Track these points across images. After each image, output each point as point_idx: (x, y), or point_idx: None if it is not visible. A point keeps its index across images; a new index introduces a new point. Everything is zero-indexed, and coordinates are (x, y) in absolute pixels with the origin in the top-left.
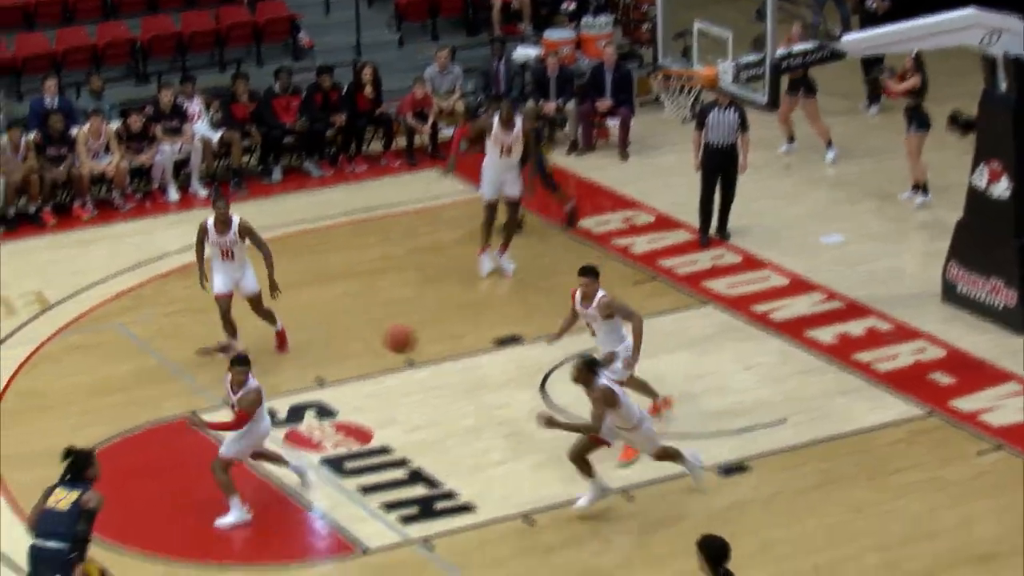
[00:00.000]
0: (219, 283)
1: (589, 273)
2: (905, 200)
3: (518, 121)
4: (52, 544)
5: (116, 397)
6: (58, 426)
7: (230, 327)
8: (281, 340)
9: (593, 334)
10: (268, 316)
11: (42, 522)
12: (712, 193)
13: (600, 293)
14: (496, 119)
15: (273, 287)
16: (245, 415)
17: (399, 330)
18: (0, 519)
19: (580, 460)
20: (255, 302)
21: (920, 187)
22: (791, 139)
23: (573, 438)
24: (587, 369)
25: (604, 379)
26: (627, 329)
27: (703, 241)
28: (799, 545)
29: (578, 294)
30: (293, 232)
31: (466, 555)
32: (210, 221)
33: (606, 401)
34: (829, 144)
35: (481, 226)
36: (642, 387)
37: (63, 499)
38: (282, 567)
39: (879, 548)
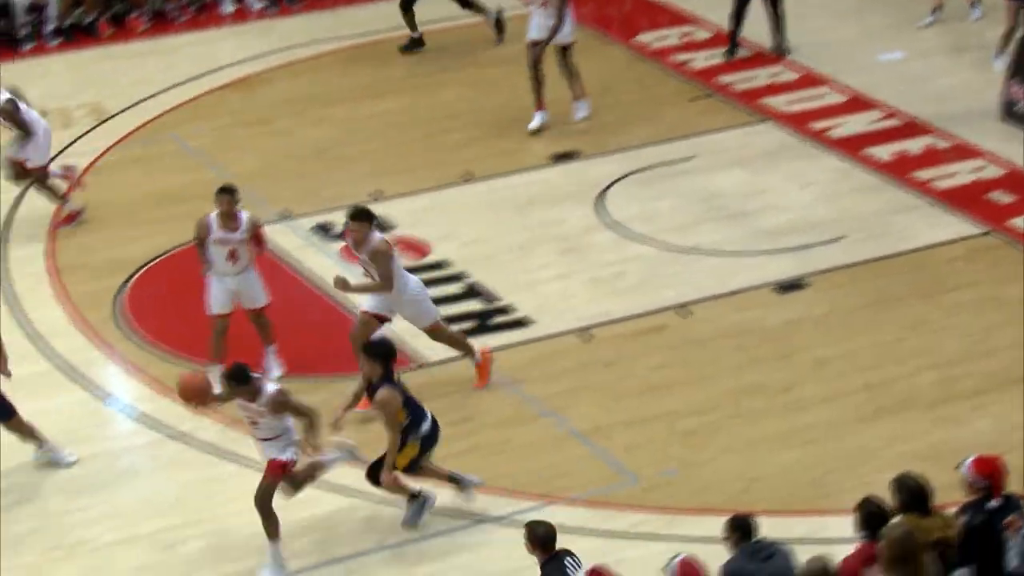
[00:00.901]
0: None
1: (359, 217)
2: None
3: None
4: None
5: (175, 209)
6: (118, 236)
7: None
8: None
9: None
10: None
11: None
12: (744, 5)
13: (376, 237)
14: None
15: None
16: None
17: (190, 380)
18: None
19: (266, 508)
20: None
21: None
22: None
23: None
24: (239, 380)
25: (267, 384)
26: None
27: (727, 56)
28: (852, 362)
29: (349, 240)
30: (348, 45)
31: (522, 369)
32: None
33: (285, 405)
34: None
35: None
36: (457, 342)
37: None
38: (335, 379)
39: (933, 367)
